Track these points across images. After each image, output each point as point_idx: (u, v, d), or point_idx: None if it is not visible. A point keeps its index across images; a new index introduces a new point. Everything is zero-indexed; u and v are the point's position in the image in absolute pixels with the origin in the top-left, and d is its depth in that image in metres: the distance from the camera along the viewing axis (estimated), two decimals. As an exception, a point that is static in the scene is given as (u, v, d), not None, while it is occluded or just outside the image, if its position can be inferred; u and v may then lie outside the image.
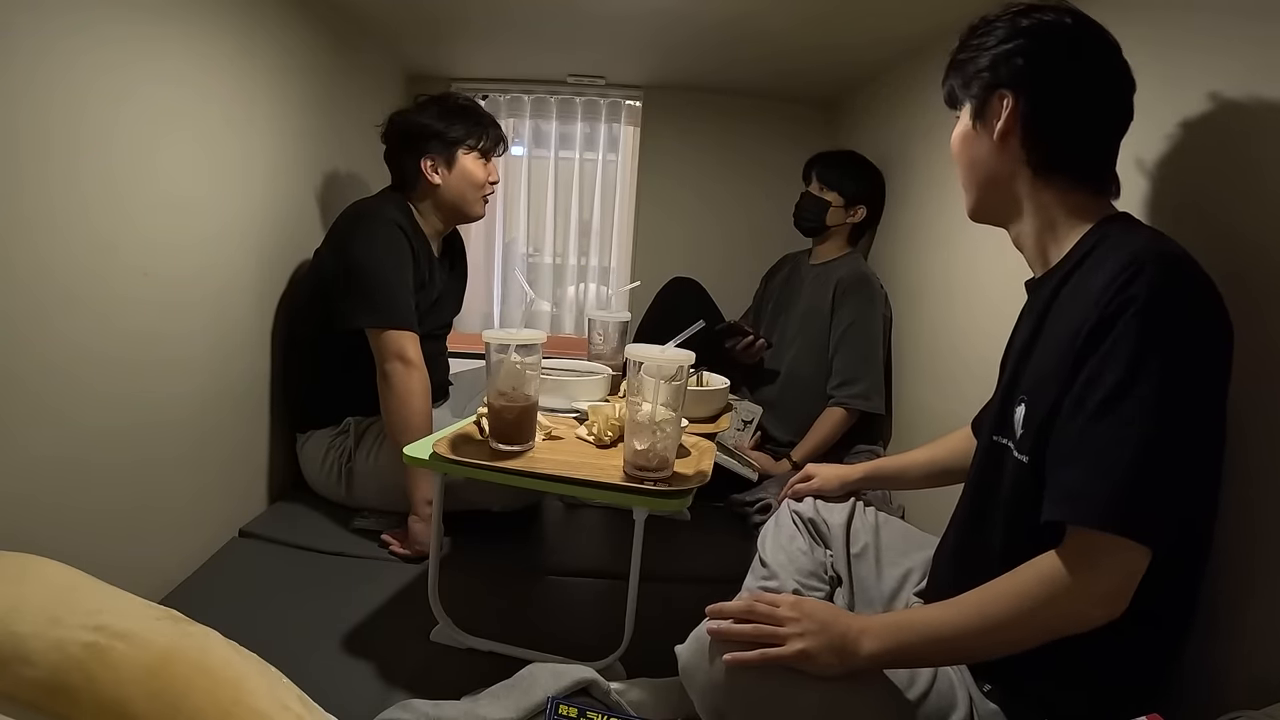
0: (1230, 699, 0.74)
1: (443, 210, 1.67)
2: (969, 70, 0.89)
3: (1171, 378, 0.67)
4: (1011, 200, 0.88)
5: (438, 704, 0.92)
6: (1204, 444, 0.72)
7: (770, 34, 1.83)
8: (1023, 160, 0.85)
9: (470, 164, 1.63)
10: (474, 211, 1.70)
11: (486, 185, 1.69)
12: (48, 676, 0.60)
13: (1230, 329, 0.72)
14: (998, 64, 0.85)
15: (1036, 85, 0.83)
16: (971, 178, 0.91)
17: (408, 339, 1.48)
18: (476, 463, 1.03)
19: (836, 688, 0.75)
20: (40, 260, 0.97)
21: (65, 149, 1.00)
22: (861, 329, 1.86)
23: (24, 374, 0.96)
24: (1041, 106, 0.83)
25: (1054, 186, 0.84)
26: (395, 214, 1.56)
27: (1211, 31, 0.92)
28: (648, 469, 1.00)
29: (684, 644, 0.83)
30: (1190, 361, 0.69)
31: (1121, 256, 0.72)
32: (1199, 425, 0.70)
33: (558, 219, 2.69)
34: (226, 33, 1.36)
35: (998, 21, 0.87)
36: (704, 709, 0.81)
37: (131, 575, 1.17)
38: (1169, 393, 0.67)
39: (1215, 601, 0.82)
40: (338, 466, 1.57)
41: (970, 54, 0.89)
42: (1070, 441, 0.71)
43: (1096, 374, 0.70)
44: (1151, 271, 0.69)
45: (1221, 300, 0.72)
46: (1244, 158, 0.85)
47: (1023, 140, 0.84)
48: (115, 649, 0.62)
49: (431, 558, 1.16)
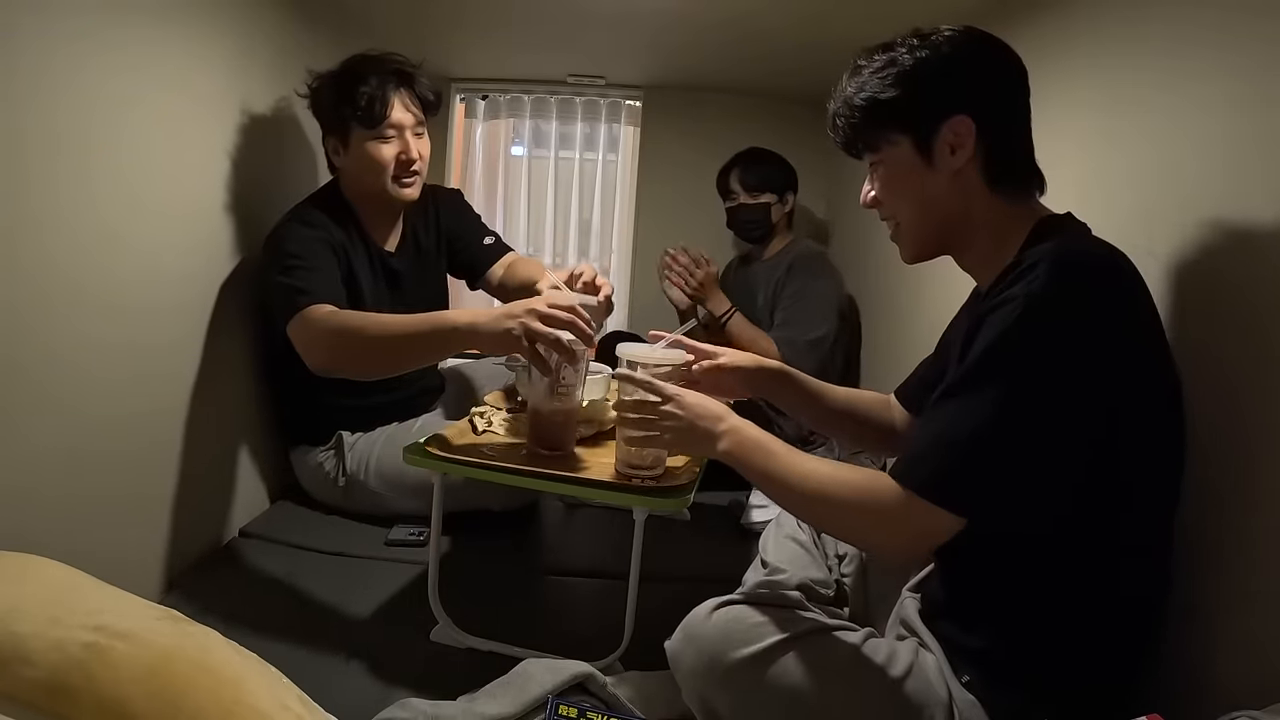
0: (1230, 699, 0.74)
1: (360, 196, 1.46)
2: (897, 107, 0.82)
3: (1024, 373, 0.70)
4: (966, 228, 0.85)
5: (436, 703, 0.92)
6: (1060, 437, 0.71)
7: (769, 34, 1.83)
8: (980, 183, 0.83)
9: (365, 139, 1.39)
10: (389, 195, 1.44)
11: (391, 164, 1.41)
12: (48, 676, 0.60)
13: (1138, 331, 0.72)
14: (939, 91, 0.81)
15: (989, 104, 0.82)
16: (924, 218, 0.86)
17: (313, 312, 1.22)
18: (477, 463, 1.04)
19: (820, 674, 0.78)
20: (47, 257, 0.98)
21: (74, 149, 1.01)
22: (804, 293, 1.91)
23: (28, 366, 0.96)
24: (997, 124, 0.82)
25: (1006, 199, 0.83)
26: (304, 213, 1.40)
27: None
28: (641, 467, 1.01)
29: (672, 638, 0.86)
30: (1053, 360, 0.70)
31: (1029, 258, 0.73)
32: (1053, 421, 0.71)
33: (558, 219, 2.69)
34: (226, 34, 1.36)
35: (907, 50, 0.83)
36: (692, 699, 0.85)
37: (131, 574, 1.18)
38: (1018, 387, 0.70)
39: (1215, 601, 0.82)
40: (333, 477, 1.53)
41: (889, 89, 0.82)
42: (928, 413, 0.78)
43: (965, 360, 0.74)
44: (1039, 272, 0.71)
45: (1132, 304, 0.72)
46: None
47: (984, 162, 0.82)
48: (115, 649, 0.62)
49: (431, 558, 1.16)
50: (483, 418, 1.21)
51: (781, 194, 2.04)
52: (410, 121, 1.42)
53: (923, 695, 0.79)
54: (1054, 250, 0.72)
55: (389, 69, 1.40)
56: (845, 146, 0.90)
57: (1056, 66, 1.22)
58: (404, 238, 1.58)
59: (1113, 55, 1.12)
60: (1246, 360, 0.81)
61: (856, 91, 0.85)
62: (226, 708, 0.62)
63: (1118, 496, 0.74)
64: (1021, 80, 0.84)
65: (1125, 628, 0.77)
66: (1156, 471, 0.76)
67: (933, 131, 0.82)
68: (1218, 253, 0.87)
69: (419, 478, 1.37)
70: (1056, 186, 0.96)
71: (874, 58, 0.85)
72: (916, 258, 0.90)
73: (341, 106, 1.37)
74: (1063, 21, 1.25)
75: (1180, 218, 0.94)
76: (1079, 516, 0.75)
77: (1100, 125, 1.13)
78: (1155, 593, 0.79)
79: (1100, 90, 1.14)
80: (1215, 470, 0.84)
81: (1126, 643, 0.78)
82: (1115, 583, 0.76)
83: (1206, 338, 0.88)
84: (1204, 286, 0.89)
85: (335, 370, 1.23)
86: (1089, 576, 0.76)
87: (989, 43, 0.84)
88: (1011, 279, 0.73)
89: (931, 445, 0.75)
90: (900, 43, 0.84)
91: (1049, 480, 0.73)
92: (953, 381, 0.75)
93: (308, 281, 1.27)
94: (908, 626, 0.90)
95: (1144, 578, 0.77)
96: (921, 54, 0.82)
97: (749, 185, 2.02)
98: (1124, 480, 0.74)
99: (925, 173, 0.83)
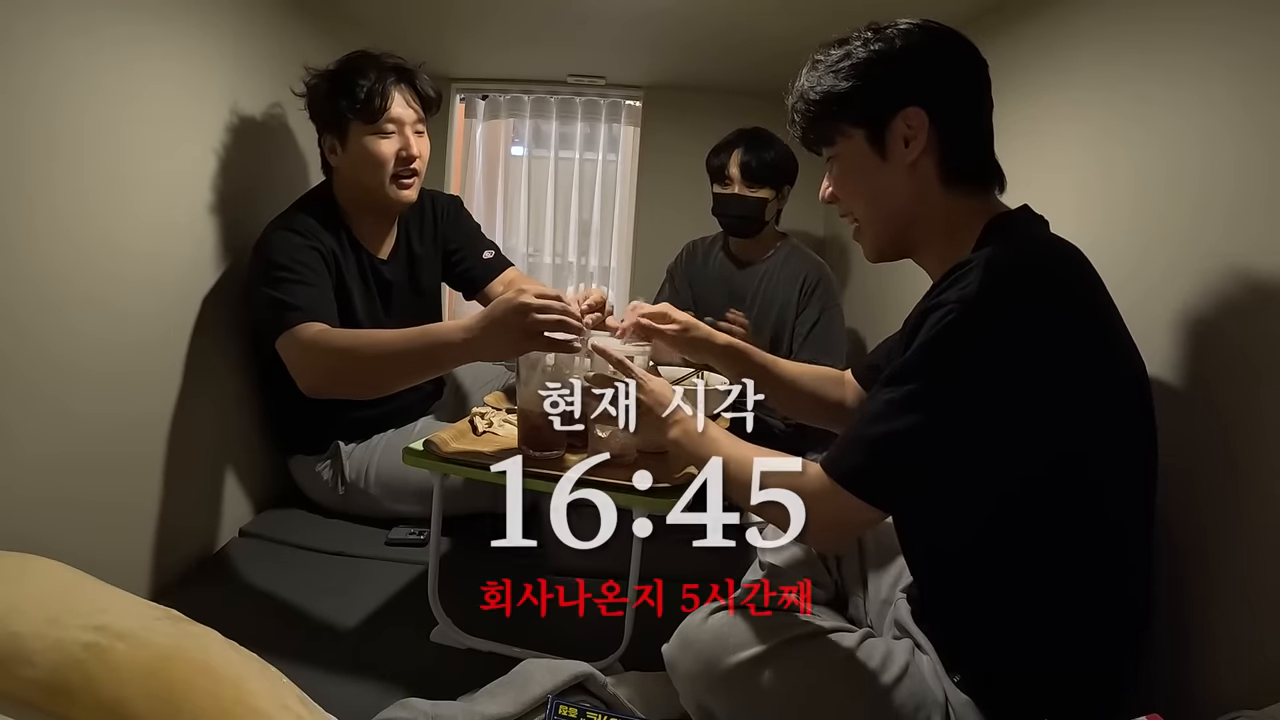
0: (1230, 699, 0.74)
1: (353, 199, 1.42)
2: (850, 99, 0.82)
3: (950, 377, 0.71)
4: (922, 225, 0.84)
5: (436, 704, 0.92)
6: (984, 441, 0.71)
7: (770, 36, 1.82)
8: (935, 178, 0.82)
9: (364, 134, 1.35)
10: (386, 196, 1.39)
11: (390, 161, 1.36)
12: (47, 676, 0.60)
13: (1077, 326, 0.71)
14: (892, 83, 0.81)
15: (944, 96, 0.81)
16: (879, 213, 0.86)
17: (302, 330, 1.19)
18: (477, 463, 1.03)
19: (816, 677, 0.78)
20: (43, 258, 0.98)
21: (70, 147, 1.01)
22: (830, 321, 1.84)
23: (23, 368, 0.96)
24: (952, 117, 0.81)
25: (960, 196, 0.83)
26: (292, 218, 1.36)
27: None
28: (610, 453, 1.02)
29: (669, 642, 0.88)
30: (981, 366, 0.70)
31: (969, 262, 0.73)
32: (977, 425, 0.71)
33: (558, 219, 2.69)
34: (225, 34, 1.36)
35: (861, 43, 0.83)
36: (689, 703, 0.85)
37: (131, 575, 1.18)
38: (944, 391, 0.71)
39: (1215, 601, 0.82)
40: (332, 485, 1.51)
41: (842, 81, 0.82)
42: (866, 401, 0.80)
43: (905, 355, 0.75)
44: (972, 278, 0.71)
45: (1068, 301, 0.72)
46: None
47: (938, 157, 0.81)
48: (115, 649, 0.62)
49: (431, 558, 1.16)
50: (483, 418, 1.21)
51: (780, 189, 1.88)
52: (410, 118, 1.39)
53: (919, 696, 0.79)
54: (988, 255, 0.73)
55: (388, 64, 1.38)
56: (803, 140, 0.90)
57: (1057, 66, 1.22)
58: (397, 244, 1.53)
59: (1115, 54, 1.12)
60: (1247, 359, 0.81)
61: (812, 86, 0.85)
62: (226, 708, 0.62)
63: (1088, 492, 0.74)
64: (979, 74, 0.83)
65: (1108, 620, 0.77)
66: (1126, 462, 0.76)
67: (885, 123, 0.81)
68: (1221, 251, 0.87)
69: (420, 482, 1.36)
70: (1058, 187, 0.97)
71: (830, 51, 0.85)
72: (879, 256, 0.89)
73: (339, 100, 1.33)
74: (1063, 21, 1.24)
75: (1185, 217, 0.94)
76: (1050, 515, 0.74)
77: (1103, 125, 1.13)
78: (1136, 583, 0.79)
79: (1102, 89, 1.14)
80: (1213, 470, 0.84)
81: (1111, 635, 0.78)
82: (1094, 575, 0.76)
83: (1207, 337, 0.88)
84: (1206, 286, 0.89)
85: (328, 393, 1.21)
86: (1067, 571, 0.76)
87: (945, 36, 0.83)
88: (949, 282, 0.74)
89: (856, 437, 0.76)
90: (855, 36, 0.84)
91: (969, 484, 0.73)
92: (888, 374, 0.75)
93: (296, 296, 1.23)
94: (902, 628, 0.91)
95: (1123, 569, 0.77)
96: (875, 46, 0.82)
97: (750, 174, 1.82)
98: (1092, 479, 0.74)
99: (879, 166, 0.83)
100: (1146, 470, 0.78)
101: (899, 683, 0.79)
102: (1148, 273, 0.97)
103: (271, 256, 1.29)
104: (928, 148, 0.80)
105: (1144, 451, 0.77)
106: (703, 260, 2.08)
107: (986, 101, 0.84)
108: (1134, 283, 0.96)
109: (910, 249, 0.88)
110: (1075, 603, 0.76)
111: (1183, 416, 0.89)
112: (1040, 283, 0.72)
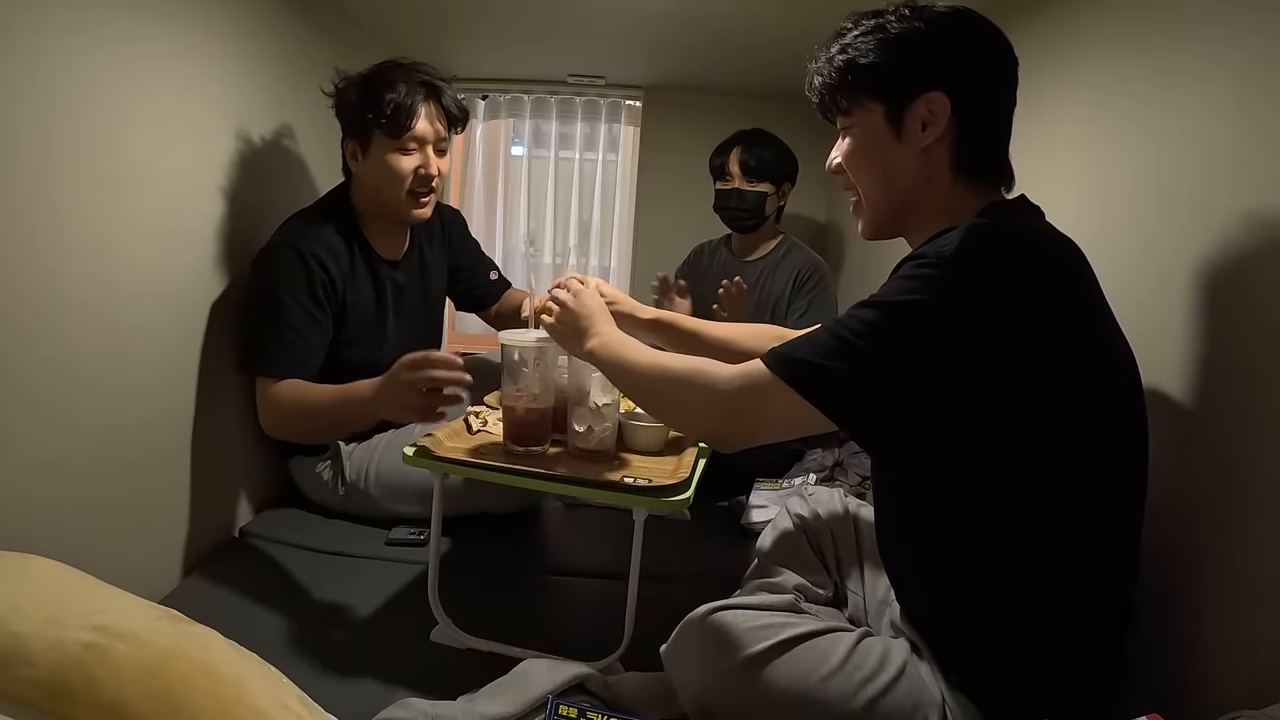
0: (1230, 699, 0.74)
1: (371, 205, 1.43)
2: (875, 73, 0.81)
3: (910, 306, 0.70)
4: (923, 210, 0.83)
5: (436, 704, 0.92)
6: (926, 370, 0.71)
7: (770, 37, 1.83)
8: (946, 166, 0.81)
9: (386, 148, 1.36)
10: (401, 211, 1.41)
11: (409, 178, 1.38)
12: (47, 676, 0.60)
13: (1054, 302, 0.70)
14: (921, 64, 0.80)
15: (971, 87, 0.79)
16: (883, 191, 0.84)
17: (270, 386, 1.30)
18: (477, 463, 1.03)
19: (814, 677, 0.78)
20: (43, 264, 0.98)
21: (67, 147, 1.01)
22: (813, 317, 1.84)
23: (23, 375, 0.96)
24: (975, 109, 0.80)
25: (967, 188, 0.82)
26: (299, 232, 1.36)
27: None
28: (586, 449, 1.07)
29: (667, 643, 0.88)
30: (944, 301, 0.69)
31: (958, 226, 0.74)
32: (924, 353, 0.70)
33: (558, 219, 2.69)
34: (226, 34, 1.36)
35: (896, 18, 0.81)
36: (688, 703, 0.85)
37: (131, 575, 1.18)
38: (895, 322, 0.71)
39: (1214, 601, 0.82)
40: (332, 486, 1.52)
41: (871, 53, 0.81)
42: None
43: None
44: (952, 235, 0.71)
45: (1047, 276, 0.71)
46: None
47: (953, 145, 0.80)
48: (115, 649, 0.62)
49: (431, 558, 1.16)
50: (478, 418, 1.21)
51: (779, 185, 1.94)
52: (433, 137, 1.40)
53: (916, 695, 0.79)
54: (973, 221, 0.73)
55: (418, 79, 1.38)
56: (819, 106, 0.88)
57: (1057, 66, 1.22)
58: (409, 251, 1.56)
59: (1113, 54, 1.12)
60: (1247, 358, 0.81)
61: (839, 52, 0.84)
62: (226, 708, 0.62)
63: (1071, 483, 0.74)
64: (1009, 70, 0.82)
65: (1096, 615, 0.77)
66: (1110, 457, 0.75)
67: (907, 103, 0.80)
68: (1221, 251, 0.87)
69: (420, 482, 1.39)
70: (1058, 187, 0.97)
71: (861, 22, 0.84)
72: (875, 233, 0.88)
73: (366, 111, 1.34)
74: (1063, 21, 1.24)
75: (1183, 217, 0.94)
76: (1035, 507, 0.74)
77: (1101, 125, 1.13)
78: (1123, 576, 0.79)
79: (1101, 90, 1.14)
80: (1208, 469, 0.84)
81: (1100, 630, 0.77)
82: (1081, 573, 0.75)
83: (1204, 337, 0.88)
84: (1206, 285, 0.89)
85: (281, 437, 1.37)
86: (1053, 568, 0.76)
87: (982, 26, 0.82)
88: (930, 241, 0.75)
89: (805, 338, 0.78)
90: (891, 10, 0.83)
91: (915, 424, 0.73)
92: (854, 305, 0.76)
93: (276, 345, 1.30)
94: (897, 627, 0.91)
95: (1110, 563, 0.77)
96: (910, 24, 0.81)
97: (749, 170, 1.90)
98: (1068, 470, 0.73)
99: (893, 145, 0.82)
100: (1135, 463, 0.77)
101: (896, 682, 0.79)
102: (1145, 272, 0.97)
103: (268, 284, 1.33)
104: (945, 135, 0.80)
105: (1132, 443, 0.77)
106: (708, 260, 2.14)
107: (1011, 99, 0.83)
108: (1131, 282, 0.96)
109: (905, 229, 0.87)
110: (1062, 597, 0.76)
111: (1179, 415, 0.89)
112: (1014, 248, 0.71)
